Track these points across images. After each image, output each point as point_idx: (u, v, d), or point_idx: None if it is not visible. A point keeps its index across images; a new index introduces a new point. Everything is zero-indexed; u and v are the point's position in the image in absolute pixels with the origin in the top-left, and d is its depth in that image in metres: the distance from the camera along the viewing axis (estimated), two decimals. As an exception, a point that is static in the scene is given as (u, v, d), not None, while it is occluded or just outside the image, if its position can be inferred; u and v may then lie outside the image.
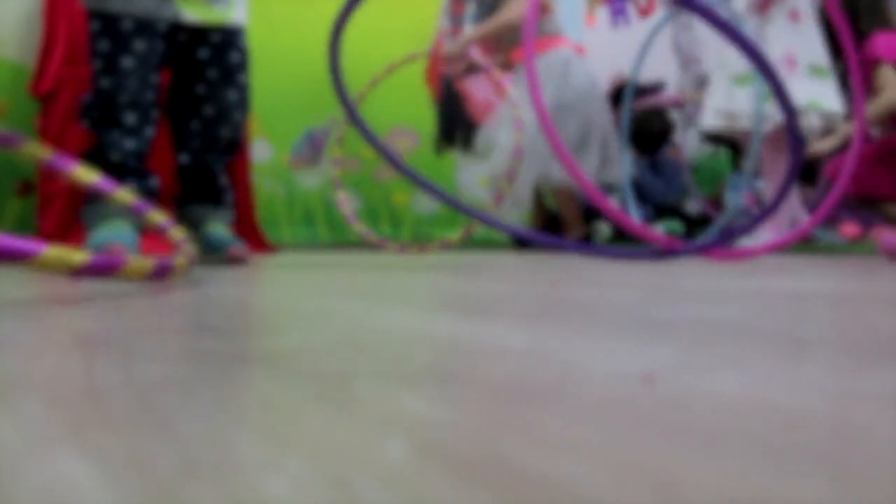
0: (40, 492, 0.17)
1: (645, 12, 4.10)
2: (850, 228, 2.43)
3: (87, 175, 1.13)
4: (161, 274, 0.84)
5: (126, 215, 1.43)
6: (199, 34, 1.55)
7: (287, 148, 2.99)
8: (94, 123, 1.46)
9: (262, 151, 2.94)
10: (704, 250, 1.46)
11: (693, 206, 3.54)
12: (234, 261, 1.52)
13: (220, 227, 1.61)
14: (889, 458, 0.20)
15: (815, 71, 2.36)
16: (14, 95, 2.21)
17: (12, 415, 0.25)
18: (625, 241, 2.98)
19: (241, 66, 1.61)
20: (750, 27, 2.35)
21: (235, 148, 1.68)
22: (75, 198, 1.81)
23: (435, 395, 0.28)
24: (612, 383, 0.31)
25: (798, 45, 2.35)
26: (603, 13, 4.00)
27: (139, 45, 1.45)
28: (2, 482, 0.18)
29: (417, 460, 0.20)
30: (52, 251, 0.68)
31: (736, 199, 3.41)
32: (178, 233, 1.09)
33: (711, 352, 0.40)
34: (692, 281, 1.02)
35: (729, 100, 2.39)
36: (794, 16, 2.36)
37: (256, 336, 0.52)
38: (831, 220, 2.60)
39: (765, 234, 2.31)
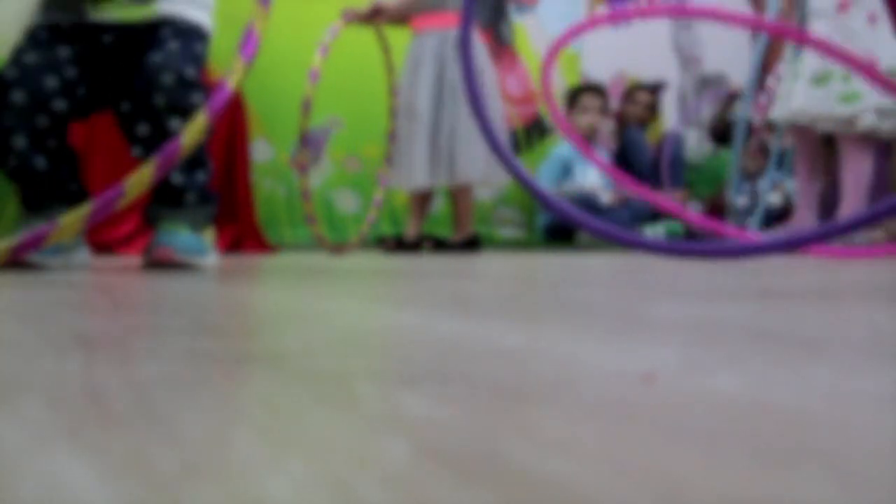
0: (40, 492, 0.17)
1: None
2: None
3: None
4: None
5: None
6: (132, 34, 1.41)
7: (287, 148, 2.99)
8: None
9: (262, 151, 2.94)
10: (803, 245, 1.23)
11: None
12: (159, 263, 1.29)
13: (175, 227, 1.35)
14: (889, 458, 0.20)
15: (894, 74, 2.35)
16: None
17: (12, 415, 0.25)
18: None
19: (172, 36, 1.38)
20: (830, 27, 2.33)
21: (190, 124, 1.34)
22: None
23: (435, 395, 0.28)
24: (612, 383, 0.31)
25: (877, 47, 2.34)
26: (603, 13, 4.00)
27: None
28: (2, 482, 0.18)
29: (417, 460, 0.20)
30: None
31: (738, 200, 3.41)
32: None
33: (711, 352, 0.40)
34: (692, 281, 1.02)
35: (807, 99, 2.35)
36: (872, 18, 2.34)
37: (256, 336, 0.52)
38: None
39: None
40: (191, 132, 1.08)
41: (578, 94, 3.28)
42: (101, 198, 1.04)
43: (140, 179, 1.06)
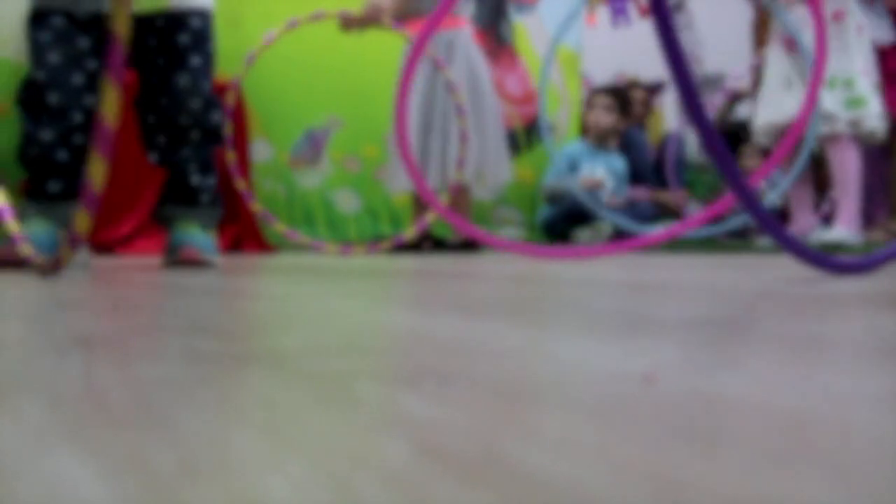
0: (40, 492, 0.17)
1: (646, 12, 4.10)
2: None
3: None
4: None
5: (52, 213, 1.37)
6: (145, 23, 1.44)
7: (287, 148, 2.99)
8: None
9: (261, 151, 2.94)
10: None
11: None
12: (185, 262, 1.35)
13: (191, 228, 1.44)
14: (889, 458, 0.20)
15: (877, 86, 2.46)
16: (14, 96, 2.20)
17: (12, 415, 0.25)
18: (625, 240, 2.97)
19: (192, 48, 1.45)
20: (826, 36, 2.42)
21: (211, 139, 1.49)
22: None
23: (435, 395, 0.28)
24: (612, 383, 0.31)
25: (866, 58, 2.44)
26: (603, 13, 3.99)
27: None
28: (2, 482, 0.18)
29: (417, 460, 0.20)
30: None
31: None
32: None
33: (711, 352, 0.40)
34: (692, 281, 1.02)
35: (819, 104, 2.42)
36: (859, 29, 2.43)
37: (256, 336, 0.52)
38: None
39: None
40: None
41: (593, 95, 3.35)
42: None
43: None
